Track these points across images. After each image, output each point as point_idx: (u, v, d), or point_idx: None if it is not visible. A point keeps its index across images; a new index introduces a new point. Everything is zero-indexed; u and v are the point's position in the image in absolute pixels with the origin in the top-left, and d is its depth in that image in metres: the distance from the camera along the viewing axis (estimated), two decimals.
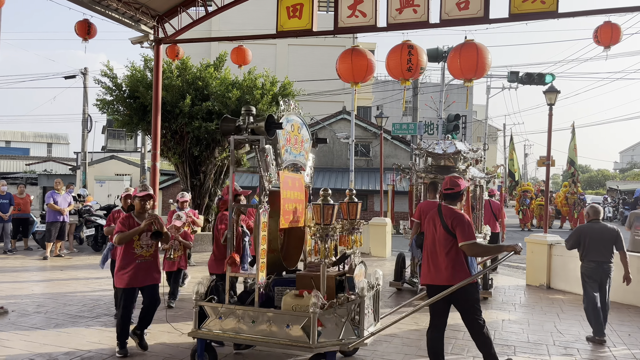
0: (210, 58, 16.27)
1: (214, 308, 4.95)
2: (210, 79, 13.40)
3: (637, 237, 9.21)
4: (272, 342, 4.74)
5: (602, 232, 6.43)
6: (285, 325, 4.68)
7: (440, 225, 4.70)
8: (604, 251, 6.38)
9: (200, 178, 14.02)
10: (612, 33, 7.38)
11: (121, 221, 5.46)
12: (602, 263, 6.39)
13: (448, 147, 8.84)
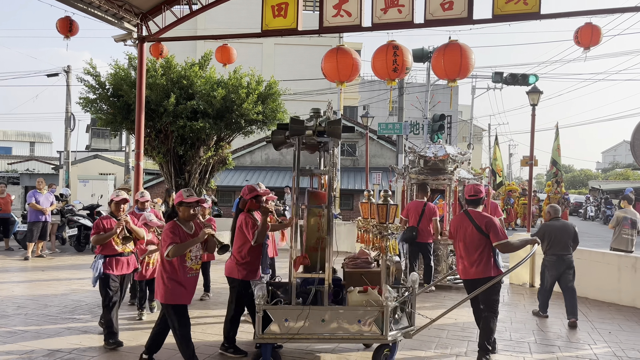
0: (195, 57, 16.18)
1: (280, 311, 4.89)
2: (195, 77, 13.31)
3: (624, 236, 9.35)
4: (344, 337, 4.93)
5: (562, 229, 7.27)
6: (357, 320, 4.88)
7: (473, 227, 5.41)
8: (564, 245, 7.20)
9: (185, 177, 13.92)
10: (592, 34, 7.47)
11: (172, 230, 4.75)
12: (562, 256, 7.21)
13: (438, 150, 9.40)
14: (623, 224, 9.39)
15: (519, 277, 9.98)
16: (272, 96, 13.69)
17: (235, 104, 13.00)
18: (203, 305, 7.77)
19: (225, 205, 21.83)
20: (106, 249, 5.89)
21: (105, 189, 23.71)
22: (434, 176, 9.61)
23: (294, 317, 4.85)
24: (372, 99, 36.25)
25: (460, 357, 5.67)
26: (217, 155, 14.26)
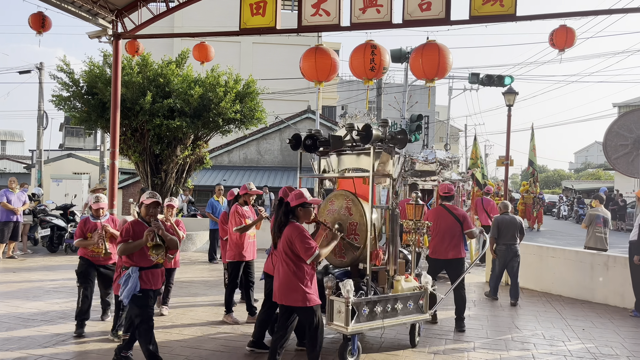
0: (172, 55, 16.00)
1: (362, 303, 5.33)
2: (172, 76, 13.15)
3: (597, 234, 9.53)
4: (402, 320, 5.73)
5: (510, 222, 8.43)
6: (407, 303, 5.75)
7: (452, 218, 6.83)
8: (512, 236, 8.38)
9: (161, 177, 13.74)
10: (567, 37, 7.60)
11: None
12: (510, 245, 8.40)
13: (428, 154, 10.46)
14: (596, 223, 9.58)
15: None
16: (250, 95, 13.61)
17: (213, 102, 12.88)
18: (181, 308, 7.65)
19: (202, 205, 21.60)
20: (141, 259, 4.91)
21: (79, 188, 23.27)
22: (424, 177, 10.67)
23: (371, 307, 5.42)
24: (351, 99, 36.37)
25: (438, 355, 5.70)
26: (194, 154, 14.11)
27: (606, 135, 9.06)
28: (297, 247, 4.61)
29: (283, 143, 24.64)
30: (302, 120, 24.42)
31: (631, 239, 7.87)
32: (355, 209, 5.84)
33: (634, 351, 6.00)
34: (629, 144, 8.88)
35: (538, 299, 8.77)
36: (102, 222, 6.22)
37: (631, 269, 7.79)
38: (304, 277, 4.63)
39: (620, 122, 9.08)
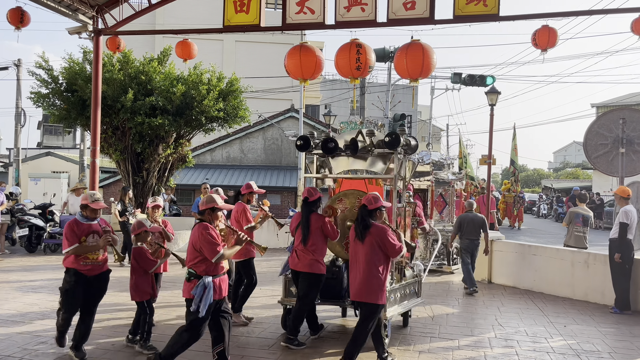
0: (154, 52, 15.78)
1: (394, 289, 6.12)
2: (154, 73, 12.98)
3: (576, 233, 9.65)
4: (411, 304, 6.59)
5: (474, 219, 9.19)
6: (411, 289, 6.58)
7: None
8: (474, 232, 9.14)
9: (143, 176, 13.55)
10: (549, 37, 7.69)
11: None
12: (473, 240, 9.16)
13: (424, 155, 10.67)
14: (575, 222, 9.71)
15: (478, 273, 10.18)
16: (234, 93, 13.50)
17: (196, 100, 12.75)
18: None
19: (184, 204, 21.41)
20: (215, 267, 4.71)
21: (58, 187, 22.88)
22: (418, 177, 11.08)
23: (399, 293, 6.23)
24: (334, 98, 36.40)
25: (423, 353, 5.72)
26: (176, 153, 13.95)
27: (586, 134, 9.18)
28: (386, 247, 4.95)
29: (266, 142, 24.54)
30: (286, 119, 24.35)
31: (611, 236, 8.00)
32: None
33: (615, 347, 6.09)
34: (609, 143, 9.00)
35: (520, 296, 8.86)
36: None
37: (611, 267, 7.92)
38: (386, 276, 5.01)
39: (600, 122, 9.21)
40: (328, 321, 6.89)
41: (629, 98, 31.40)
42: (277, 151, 24.62)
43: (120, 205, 11.32)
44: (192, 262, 4.73)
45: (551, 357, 5.69)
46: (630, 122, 8.88)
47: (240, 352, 5.57)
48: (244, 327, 6.61)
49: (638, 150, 8.79)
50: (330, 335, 6.30)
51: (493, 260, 10.02)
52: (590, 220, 9.69)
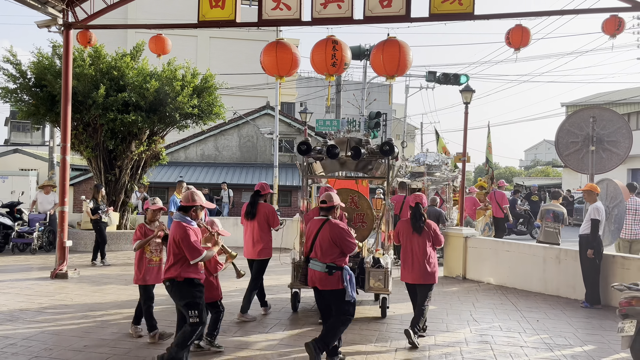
0: (127, 47, 15.48)
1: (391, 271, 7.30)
2: (127, 68, 12.72)
3: (547, 229, 9.82)
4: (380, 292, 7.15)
5: (433, 213, 9.94)
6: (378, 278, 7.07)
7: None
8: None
9: (115, 173, 13.29)
10: (523, 36, 7.80)
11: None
12: None
13: (420, 157, 12.31)
14: (546, 218, 9.88)
15: (453, 269, 10.31)
16: (208, 90, 13.34)
17: (170, 97, 12.55)
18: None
19: None
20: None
21: (26, 185, 22.30)
22: (414, 178, 12.42)
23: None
24: (309, 96, 36.35)
25: (400, 350, 5.74)
26: (149, 150, 13.72)
27: (558, 132, 9.37)
28: (437, 238, 6.11)
29: (242, 139, 24.35)
30: (261, 116, 24.21)
31: (581, 232, 8.16)
32: (362, 203, 7.61)
33: (586, 340, 6.23)
34: (579, 141, 9.20)
35: (494, 292, 8.99)
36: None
37: (581, 262, 8.08)
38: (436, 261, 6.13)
39: (571, 120, 9.40)
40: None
41: (598, 97, 32.18)
42: (252, 149, 24.46)
43: (93, 203, 11.08)
44: (331, 257, 5.13)
45: (525, 351, 5.78)
46: (600, 121, 9.09)
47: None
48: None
49: (607, 148, 9.00)
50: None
51: (467, 256, 10.15)
52: (564, 216, 9.87)
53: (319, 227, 5.20)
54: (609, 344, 6.09)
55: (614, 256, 8.23)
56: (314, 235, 5.21)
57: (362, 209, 7.64)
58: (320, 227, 5.18)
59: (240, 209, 7.87)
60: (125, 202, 13.72)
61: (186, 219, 4.92)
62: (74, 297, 7.87)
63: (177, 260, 4.82)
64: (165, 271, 4.94)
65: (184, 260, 4.81)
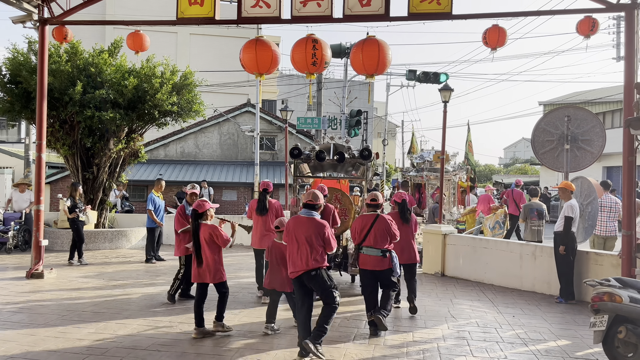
0: (105, 43, 15.27)
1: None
2: (105, 65, 12.55)
3: (533, 227, 10.00)
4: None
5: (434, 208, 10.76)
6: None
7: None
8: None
9: (93, 171, 13.11)
10: (499, 36, 7.90)
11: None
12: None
13: (423, 154, 13.41)
14: (531, 216, 10.04)
15: (432, 266, 10.42)
16: (188, 87, 13.22)
17: (148, 94, 12.42)
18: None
19: (137, 201, 20.88)
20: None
21: (1, 183, 21.84)
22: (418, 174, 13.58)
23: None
24: (291, 93, 36.29)
25: (379, 347, 5.79)
26: (128, 147, 13.56)
27: (534, 131, 9.53)
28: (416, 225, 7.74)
29: (222, 137, 24.21)
30: (242, 113, 24.10)
31: (556, 229, 8.32)
32: (344, 199, 8.81)
33: (560, 335, 6.36)
34: (555, 140, 9.36)
35: (472, 288, 9.11)
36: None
37: (556, 258, 8.24)
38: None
39: (547, 119, 9.56)
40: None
41: (574, 96, 32.73)
42: (233, 146, 24.34)
43: (70, 202, 10.92)
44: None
45: (500, 347, 5.88)
46: (575, 120, 9.26)
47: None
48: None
49: (581, 147, 9.17)
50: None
51: (446, 253, 10.27)
52: (545, 213, 10.07)
53: (372, 221, 6.33)
54: (582, 338, 6.23)
55: (588, 252, 8.41)
56: (368, 227, 6.31)
57: (344, 204, 8.78)
58: (374, 221, 6.33)
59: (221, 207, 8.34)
60: (104, 200, 13.55)
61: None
62: (50, 297, 7.76)
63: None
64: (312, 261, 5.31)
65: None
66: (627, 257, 7.14)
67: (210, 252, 5.88)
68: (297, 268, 5.35)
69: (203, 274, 5.92)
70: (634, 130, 6.37)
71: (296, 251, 5.36)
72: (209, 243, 5.88)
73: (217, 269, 5.93)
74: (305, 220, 5.44)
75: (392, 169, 49.12)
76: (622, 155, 7.26)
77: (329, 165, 9.14)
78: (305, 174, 9.25)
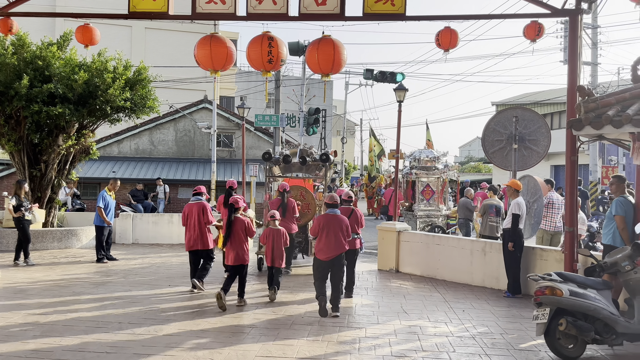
0: (54, 36, 14.74)
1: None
2: (53, 58, 12.12)
3: (490, 223, 10.30)
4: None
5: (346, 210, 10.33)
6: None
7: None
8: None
9: (41, 168, 12.65)
10: (451, 38, 8.10)
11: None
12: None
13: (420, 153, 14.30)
14: (489, 212, 10.34)
15: (386, 263, 10.58)
16: (142, 82, 12.93)
17: (100, 89, 12.08)
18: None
19: (89, 199, 20.26)
20: None
21: None
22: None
23: None
24: (249, 90, 35.98)
25: (332, 343, 5.86)
26: (79, 144, 13.15)
27: (484, 131, 9.85)
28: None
29: (178, 133, 23.79)
30: (199, 110, 23.72)
31: (504, 226, 8.62)
32: (307, 196, 10.54)
33: (507, 328, 6.60)
34: (504, 140, 9.70)
35: (425, 284, 9.32)
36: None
37: (504, 254, 8.53)
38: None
39: (496, 120, 9.89)
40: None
41: (525, 97, 33.85)
42: (189, 143, 23.95)
43: (15, 200, 10.50)
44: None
45: (450, 340, 6.06)
46: (522, 120, 9.60)
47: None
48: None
49: (528, 147, 9.53)
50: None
51: (400, 250, 10.45)
52: (502, 210, 10.38)
53: (330, 219, 7.23)
54: (526, 331, 6.49)
55: (534, 248, 8.75)
56: (324, 225, 7.21)
57: (307, 199, 10.52)
58: (350, 214, 8.01)
59: (177, 205, 8.52)
60: (52, 198, 13.10)
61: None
62: None
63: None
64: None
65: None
66: (569, 252, 7.47)
67: (245, 240, 7.47)
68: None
69: (238, 257, 7.35)
70: (576, 131, 6.66)
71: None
72: (244, 232, 7.47)
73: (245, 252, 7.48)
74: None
75: (351, 167, 49.53)
76: (565, 155, 7.58)
77: (297, 167, 10.93)
78: (276, 175, 11.16)
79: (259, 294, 8.12)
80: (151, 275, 9.57)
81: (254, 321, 6.66)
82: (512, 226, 8.36)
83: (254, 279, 9.30)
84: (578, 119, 6.53)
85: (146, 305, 7.29)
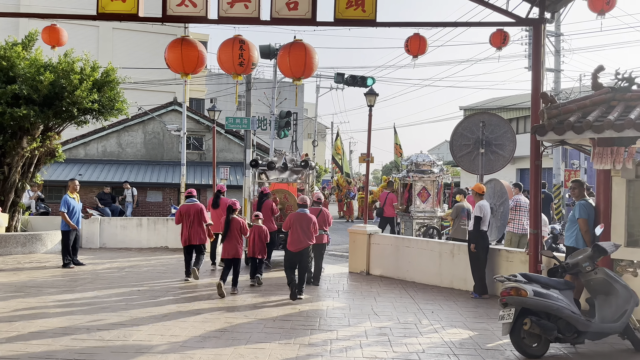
0: (18, 36, 14.38)
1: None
2: (18, 59, 11.82)
3: (462, 226, 10.50)
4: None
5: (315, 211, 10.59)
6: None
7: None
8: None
9: (4, 171, 12.30)
10: (420, 44, 8.27)
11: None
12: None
13: (417, 158, 14.31)
14: (461, 216, 10.54)
15: (357, 265, 10.69)
16: (110, 84, 12.71)
17: (67, 90, 11.83)
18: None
19: (54, 202, 19.77)
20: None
21: None
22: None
23: None
24: (220, 92, 35.76)
25: (303, 346, 5.90)
26: (44, 146, 12.84)
27: (452, 136, 10.09)
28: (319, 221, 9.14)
29: (147, 136, 23.47)
30: (168, 112, 23.46)
31: (469, 229, 8.82)
32: (290, 198, 11.23)
33: (474, 328, 6.76)
34: (471, 144, 9.95)
35: (395, 286, 9.45)
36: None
37: (470, 256, 8.73)
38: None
39: (464, 125, 10.15)
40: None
41: (492, 102, 34.63)
42: (158, 146, 23.65)
43: None
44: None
45: (419, 341, 6.17)
46: (489, 126, 9.86)
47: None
48: None
49: (495, 151, 9.79)
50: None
51: (371, 252, 10.57)
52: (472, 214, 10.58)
53: (317, 213, 8.87)
54: (493, 331, 6.66)
55: (500, 250, 8.98)
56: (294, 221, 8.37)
57: (290, 202, 11.19)
58: (319, 214, 9.05)
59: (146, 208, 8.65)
60: (16, 202, 12.75)
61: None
62: None
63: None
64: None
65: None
66: (533, 254, 7.70)
67: (240, 237, 8.55)
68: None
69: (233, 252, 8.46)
70: (540, 137, 6.90)
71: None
72: (239, 231, 8.52)
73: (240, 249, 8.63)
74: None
75: (322, 170, 49.67)
76: (530, 159, 7.83)
77: (281, 172, 12.02)
78: (265, 180, 12.23)
79: (240, 293, 8.12)
80: (119, 280, 9.43)
81: (225, 325, 6.65)
82: (474, 228, 8.56)
83: (243, 271, 9.67)
84: (541, 124, 6.76)
85: (115, 311, 7.19)
